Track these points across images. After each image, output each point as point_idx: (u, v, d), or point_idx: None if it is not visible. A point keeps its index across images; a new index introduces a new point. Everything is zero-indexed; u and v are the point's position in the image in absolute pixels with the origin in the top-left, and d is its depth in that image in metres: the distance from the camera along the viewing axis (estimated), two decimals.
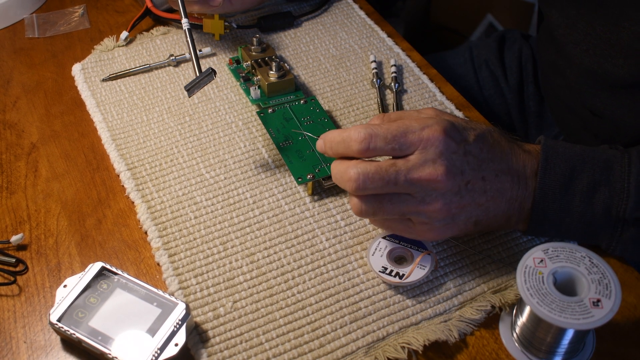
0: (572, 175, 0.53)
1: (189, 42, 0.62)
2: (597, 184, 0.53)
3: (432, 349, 0.53)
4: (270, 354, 0.52)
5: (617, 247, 0.55)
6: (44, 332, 0.54)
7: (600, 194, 0.53)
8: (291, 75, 0.70)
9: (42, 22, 0.83)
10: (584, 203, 0.53)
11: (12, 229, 0.61)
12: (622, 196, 0.53)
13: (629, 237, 0.54)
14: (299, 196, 0.63)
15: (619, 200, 0.53)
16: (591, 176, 0.53)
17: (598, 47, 0.66)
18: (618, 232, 0.54)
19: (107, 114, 0.70)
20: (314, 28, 0.81)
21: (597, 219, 0.54)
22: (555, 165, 0.53)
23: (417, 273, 0.55)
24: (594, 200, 0.53)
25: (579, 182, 0.53)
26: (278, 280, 0.56)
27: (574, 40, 0.68)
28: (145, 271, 0.58)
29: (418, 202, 0.51)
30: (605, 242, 0.55)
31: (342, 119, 0.70)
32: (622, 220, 0.53)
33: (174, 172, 0.65)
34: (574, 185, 0.53)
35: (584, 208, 0.53)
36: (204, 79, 0.61)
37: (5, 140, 0.69)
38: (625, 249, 0.55)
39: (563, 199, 0.53)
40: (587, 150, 0.54)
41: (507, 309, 0.55)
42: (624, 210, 0.53)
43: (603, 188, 0.53)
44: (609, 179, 0.53)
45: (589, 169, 0.53)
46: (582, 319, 0.46)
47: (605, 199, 0.53)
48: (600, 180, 0.53)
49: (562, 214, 0.54)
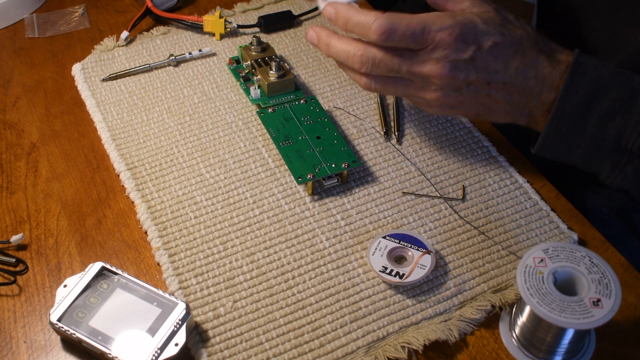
0: (594, 98, 0.53)
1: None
2: (616, 112, 0.53)
3: (432, 349, 0.53)
4: (270, 354, 0.52)
5: (617, 177, 0.55)
6: (44, 332, 0.54)
7: (616, 121, 0.53)
8: (291, 75, 0.70)
9: (42, 22, 0.83)
10: (598, 126, 0.54)
11: (12, 229, 0.61)
12: (635, 129, 0.53)
13: (632, 169, 0.55)
14: (299, 196, 0.63)
15: (632, 132, 0.53)
16: (612, 102, 0.53)
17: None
18: (623, 161, 0.54)
19: (107, 113, 0.70)
20: None
21: (607, 144, 0.54)
22: (579, 87, 0.53)
23: (417, 273, 0.55)
24: (608, 126, 0.54)
25: (599, 106, 0.53)
26: (278, 280, 0.56)
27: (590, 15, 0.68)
28: (145, 271, 0.58)
29: (418, 88, 0.57)
30: (607, 171, 0.56)
31: (342, 119, 0.70)
32: (629, 151, 0.54)
33: (174, 172, 0.65)
34: (593, 108, 0.54)
35: (597, 131, 0.54)
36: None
37: (5, 140, 0.69)
38: (624, 179, 0.55)
39: (579, 119, 0.54)
40: (616, 73, 0.54)
41: (507, 309, 0.55)
42: (633, 142, 0.53)
43: (620, 116, 0.53)
44: (629, 108, 0.53)
45: (613, 94, 0.53)
46: (582, 319, 0.46)
47: (619, 127, 0.53)
48: (620, 108, 0.53)
49: (575, 131, 0.55)
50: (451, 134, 0.69)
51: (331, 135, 0.65)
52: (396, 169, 0.65)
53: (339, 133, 0.66)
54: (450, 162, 0.66)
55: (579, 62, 0.54)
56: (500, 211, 0.62)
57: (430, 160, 0.66)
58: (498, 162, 0.66)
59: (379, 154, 0.67)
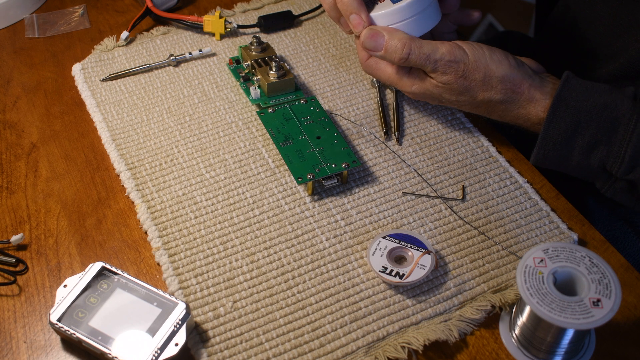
0: (576, 130, 0.57)
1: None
2: (598, 143, 0.57)
3: (432, 349, 0.53)
4: (270, 354, 0.52)
5: (608, 191, 0.59)
6: (44, 332, 0.54)
7: (599, 151, 0.57)
8: (291, 75, 0.70)
9: (42, 22, 0.83)
10: (581, 156, 0.58)
11: (12, 229, 0.61)
12: (617, 159, 0.56)
13: (620, 187, 0.58)
14: (299, 196, 0.63)
15: (614, 161, 0.57)
16: (594, 135, 0.57)
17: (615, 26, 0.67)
18: (611, 181, 0.59)
19: (107, 113, 0.70)
20: (314, 28, 0.81)
21: (593, 170, 0.59)
22: (561, 119, 0.57)
23: (417, 273, 0.55)
24: (591, 155, 0.58)
25: (581, 137, 0.57)
26: (278, 280, 0.56)
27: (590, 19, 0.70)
28: (145, 271, 0.58)
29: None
30: (599, 185, 0.60)
31: (342, 119, 0.70)
32: (614, 176, 0.58)
33: (174, 172, 0.65)
34: (576, 139, 0.57)
35: (581, 160, 0.58)
36: None
37: (5, 140, 0.69)
38: (615, 194, 0.59)
39: (563, 149, 0.58)
40: (598, 105, 0.57)
41: (507, 309, 0.55)
42: (616, 170, 0.57)
43: (602, 147, 0.57)
44: (610, 140, 0.57)
45: (594, 126, 0.57)
46: (582, 319, 0.46)
47: (602, 156, 0.57)
48: (601, 139, 0.57)
49: (561, 159, 0.59)
50: (451, 134, 0.69)
51: (331, 135, 0.65)
52: (396, 169, 0.65)
53: (339, 133, 0.66)
54: (450, 162, 0.66)
55: (562, 96, 0.58)
56: (500, 211, 0.62)
57: (430, 160, 0.66)
58: (498, 162, 0.66)
59: (379, 154, 0.67)
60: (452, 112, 0.71)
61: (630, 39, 0.64)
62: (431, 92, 0.62)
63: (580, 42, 0.70)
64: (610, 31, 0.67)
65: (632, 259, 0.61)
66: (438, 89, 0.61)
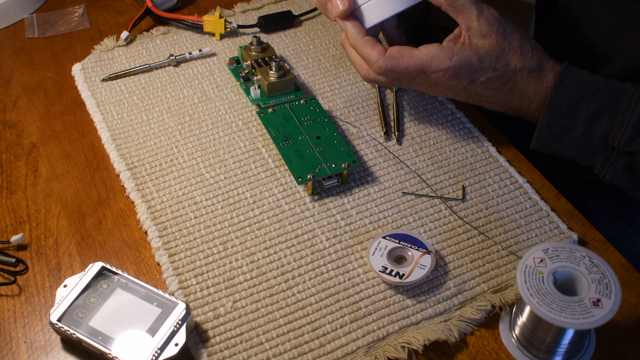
0: (581, 99, 0.58)
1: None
2: (602, 112, 0.58)
3: (432, 349, 0.53)
4: (270, 354, 0.52)
5: (608, 172, 0.59)
6: (44, 332, 0.54)
7: (602, 122, 0.58)
8: (291, 75, 0.70)
9: (42, 22, 0.83)
10: (585, 126, 0.59)
11: (12, 229, 0.61)
12: (620, 129, 0.57)
13: (621, 165, 0.58)
14: (299, 196, 0.63)
15: (617, 132, 0.57)
16: (598, 104, 0.58)
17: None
18: (612, 158, 0.59)
19: (107, 114, 0.70)
20: (314, 28, 0.81)
21: (595, 142, 0.59)
22: (567, 86, 0.58)
23: (417, 273, 0.55)
24: (595, 126, 0.58)
25: (586, 106, 0.58)
26: (278, 280, 0.56)
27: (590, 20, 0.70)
28: (145, 271, 0.58)
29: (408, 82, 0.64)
30: (599, 166, 0.60)
31: (342, 119, 0.70)
32: (616, 149, 0.58)
33: (174, 172, 0.65)
34: (581, 108, 0.58)
35: (585, 130, 0.59)
36: None
37: (5, 140, 0.69)
38: (615, 174, 0.59)
39: (568, 118, 0.59)
40: (602, 79, 0.59)
41: (507, 309, 0.55)
42: (619, 141, 0.57)
43: (606, 117, 0.58)
44: (614, 110, 0.57)
45: (599, 96, 0.58)
46: (582, 319, 0.46)
47: (605, 127, 0.58)
48: (605, 109, 0.58)
49: (565, 130, 0.59)
50: (451, 134, 0.69)
51: (331, 135, 0.65)
52: (396, 169, 0.65)
53: (339, 133, 0.66)
54: (450, 162, 0.66)
55: (569, 67, 0.59)
56: (500, 211, 0.62)
57: (430, 160, 0.66)
58: (498, 162, 0.66)
59: (379, 154, 0.67)
60: (452, 112, 0.71)
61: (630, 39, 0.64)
62: (471, 60, 0.59)
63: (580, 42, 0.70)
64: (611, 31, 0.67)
65: (632, 259, 0.61)
66: (478, 54, 0.59)
